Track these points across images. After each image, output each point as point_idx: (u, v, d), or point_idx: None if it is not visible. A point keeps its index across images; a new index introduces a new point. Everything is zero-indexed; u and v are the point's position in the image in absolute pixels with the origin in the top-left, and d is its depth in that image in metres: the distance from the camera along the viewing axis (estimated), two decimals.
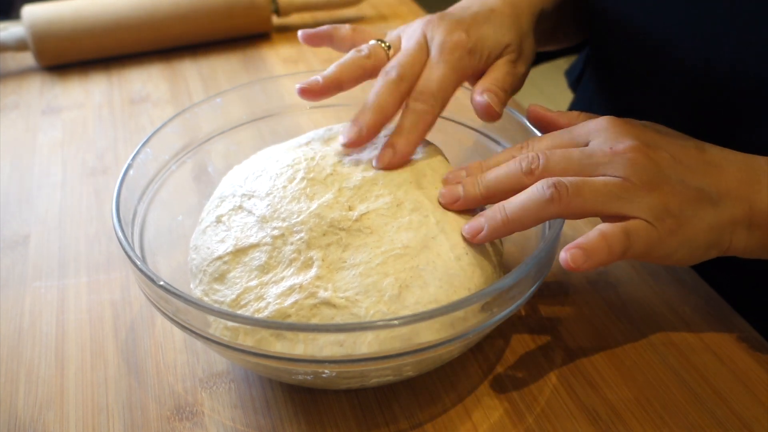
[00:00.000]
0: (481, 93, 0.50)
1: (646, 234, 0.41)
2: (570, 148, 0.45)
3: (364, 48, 0.52)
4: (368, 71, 0.52)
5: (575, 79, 0.82)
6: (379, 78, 0.50)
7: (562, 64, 0.95)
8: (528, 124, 0.52)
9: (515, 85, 0.54)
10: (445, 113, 0.58)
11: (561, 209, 0.42)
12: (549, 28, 0.62)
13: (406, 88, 0.50)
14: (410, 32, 0.53)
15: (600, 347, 0.49)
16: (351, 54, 0.52)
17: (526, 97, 0.77)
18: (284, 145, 0.53)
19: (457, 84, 0.51)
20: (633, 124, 0.46)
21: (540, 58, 0.82)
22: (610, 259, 0.41)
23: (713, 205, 0.43)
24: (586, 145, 0.45)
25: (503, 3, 0.55)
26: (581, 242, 0.41)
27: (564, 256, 0.40)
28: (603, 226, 0.42)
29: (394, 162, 0.48)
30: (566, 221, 0.44)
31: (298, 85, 0.50)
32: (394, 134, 0.49)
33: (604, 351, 0.48)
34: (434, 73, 0.50)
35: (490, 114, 0.50)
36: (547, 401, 0.45)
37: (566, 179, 0.42)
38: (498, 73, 0.52)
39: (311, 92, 0.50)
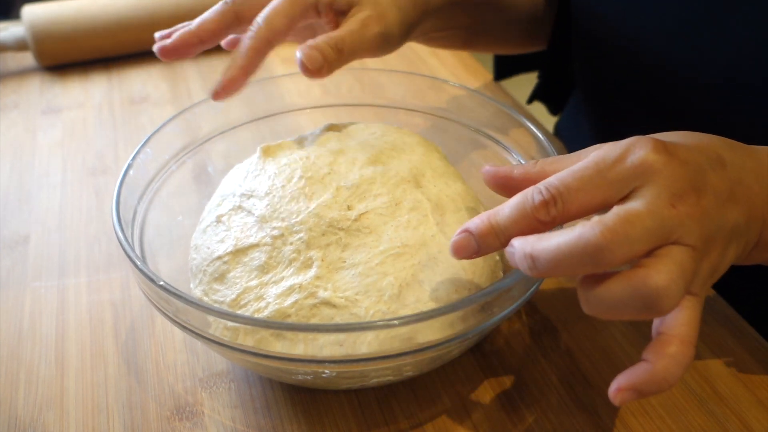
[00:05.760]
0: (301, 49, 0.48)
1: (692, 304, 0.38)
2: (630, 212, 0.35)
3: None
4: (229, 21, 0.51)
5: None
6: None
7: None
8: (530, 125, 0.52)
9: (362, 46, 0.50)
10: (443, 112, 0.58)
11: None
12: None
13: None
14: None
15: (600, 347, 0.49)
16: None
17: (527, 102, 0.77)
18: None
19: (291, 15, 0.49)
20: (677, 157, 0.38)
21: (517, 68, 0.80)
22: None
23: (741, 236, 0.39)
24: (625, 189, 0.37)
25: None
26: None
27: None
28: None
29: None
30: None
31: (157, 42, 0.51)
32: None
33: (604, 351, 0.48)
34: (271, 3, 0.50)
35: (305, 70, 0.48)
36: (547, 401, 0.45)
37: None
38: (342, 30, 0.50)
39: (165, 51, 0.50)
